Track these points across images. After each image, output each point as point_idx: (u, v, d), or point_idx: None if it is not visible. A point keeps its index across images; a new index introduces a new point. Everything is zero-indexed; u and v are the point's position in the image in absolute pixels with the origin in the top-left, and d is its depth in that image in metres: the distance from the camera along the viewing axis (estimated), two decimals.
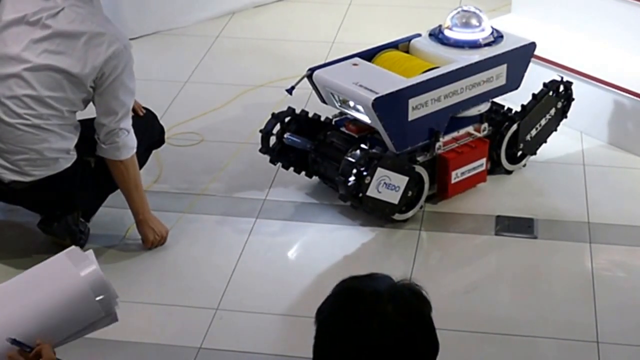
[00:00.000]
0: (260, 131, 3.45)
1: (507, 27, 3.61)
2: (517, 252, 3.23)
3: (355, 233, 3.31)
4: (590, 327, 2.86)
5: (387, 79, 3.25)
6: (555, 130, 3.66)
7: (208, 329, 2.88)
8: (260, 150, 3.47)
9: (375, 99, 3.12)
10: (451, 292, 3.04)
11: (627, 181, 3.61)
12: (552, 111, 3.59)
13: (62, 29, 2.90)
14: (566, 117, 3.65)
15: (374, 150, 3.22)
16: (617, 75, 3.81)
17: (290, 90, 3.39)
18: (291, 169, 3.52)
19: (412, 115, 3.22)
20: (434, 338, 1.57)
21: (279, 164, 3.51)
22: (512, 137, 3.53)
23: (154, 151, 3.41)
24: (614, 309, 2.94)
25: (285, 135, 3.44)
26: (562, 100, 3.60)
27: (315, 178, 3.53)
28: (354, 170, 3.18)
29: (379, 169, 3.19)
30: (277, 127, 3.44)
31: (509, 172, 3.61)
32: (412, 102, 3.20)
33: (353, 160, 3.18)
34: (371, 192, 3.20)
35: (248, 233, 3.31)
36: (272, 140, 3.46)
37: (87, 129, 3.05)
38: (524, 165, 3.64)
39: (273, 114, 3.46)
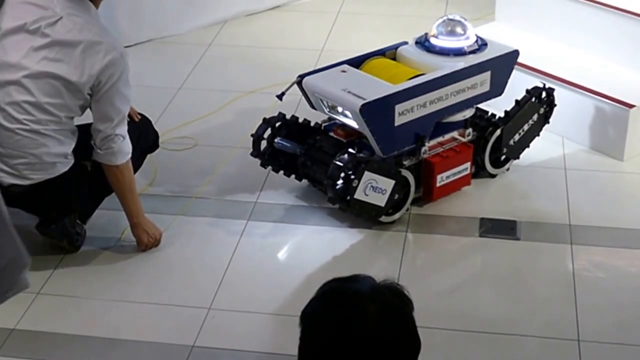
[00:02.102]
0: (252, 135, 3.50)
1: (491, 35, 3.63)
2: (501, 253, 3.26)
3: (344, 235, 3.35)
4: (572, 325, 2.89)
5: (374, 86, 3.27)
6: (538, 135, 3.69)
7: (201, 327, 2.91)
8: (252, 154, 3.50)
9: (363, 105, 3.15)
10: (437, 291, 3.07)
11: (607, 184, 3.64)
12: (535, 117, 3.62)
13: (60, 38, 2.92)
14: (548, 122, 3.69)
15: (361, 155, 3.25)
16: (597, 82, 3.85)
17: (280, 96, 3.43)
18: (281, 172, 3.55)
19: (399, 120, 3.25)
20: (415, 336, 1.60)
21: (270, 167, 3.54)
22: (495, 141, 3.56)
23: (148, 155, 3.44)
24: (594, 308, 2.97)
25: (276, 140, 3.48)
26: (545, 106, 3.64)
27: (304, 181, 3.56)
28: (342, 174, 3.20)
29: (366, 172, 3.21)
30: (268, 131, 3.47)
31: (493, 176, 3.65)
32: (399, 107, 3.23)
33: (341, 164, 3.21)
34: (358, 195, 3.23)
35: (240, 235, 3.34)
36: (263, 144, 3.49)
37: (84, 134, 3.07)
38: (508, 169, 3.67)
39: (264, 119, 3.49)
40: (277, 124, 3.49)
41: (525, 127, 3.62)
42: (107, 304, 3.04)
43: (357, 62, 3.48)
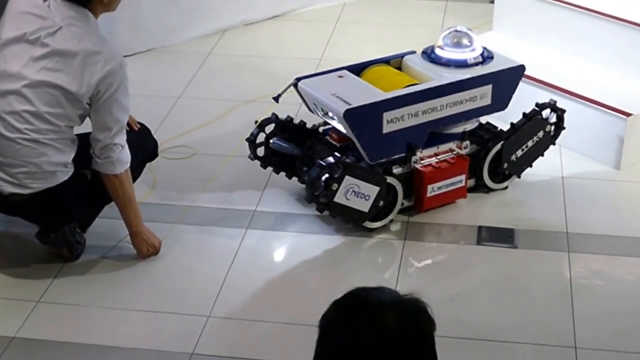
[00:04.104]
0: (256, 122, 3.51)
1: (488, 44, 3.65)
2: (498, 261, 3.27)
3: (343, 242, 3.35)
4: (569, 332, 2.91)
5: (364, 92, 3.28)
6: (552, 145, 3.65)
7: (200, 335, 2.91)
8: (247, 139, 3.52)
9: (347, 110, 3.16)
10: (435, 299, 2.97)
11: (604, 193, 3.66)
12: (541, 134, 3.58)
13: (59, 48, 2.93)
14: (562, 130, 3.63)
15: (342, 159, 3.23)
16: (595, 91, 3.87)
17: (276, 98, 3.45)
18: (273, 171, 3.59)
19: (387, 128, 3.24)
20: (432, 353, 1.59)
21: (263, 167, 3.57)
22: (497, 156, 3.53)
23: (147, 164, 3.45)
24: (591, 315, 2.98)
25: (272, 140, 3.51)
26: (552, 124, 3.60)
27: (304, 188, 3.57)
28: (323, 177, 3.21)
29: (346, 177, 3.21)
30: (271, 127, 3.51)
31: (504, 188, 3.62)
32: (387, 115, 3.23)
33: (319, 167, 3.22)
34: (339, 198, 3.23)
35: (239, 243, 3.35)
36: (261, 141, 3.52)
37: (84, 142, 3.08)
38: (519, 177, 3.64)
39: (273, 114, 3.53)
40: (277, 125, 3.53)
41: (530, 143, 3.58)
42: (106, 312, 3.06)
43: (359, 68, 3.50)
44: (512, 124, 3.56)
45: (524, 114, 3.56)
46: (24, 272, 3.23)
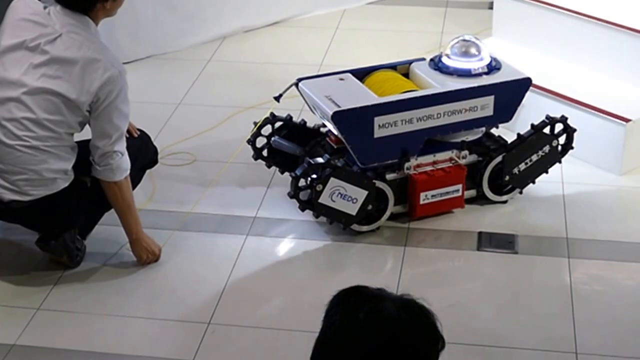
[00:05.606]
0: (270, 113, 3.55)
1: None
2: (499, 267, 3.27)
3: (345, 248, 3.36)
4: (569, 338, 2.91)
5: (358, 95, 3.28)
6: (560, 162, 3.62)
7: (200, 342, 2.91)
8: (255, 123, 3.56)
9: (335, 113, 3.17)
10: (435, 305, 3.02)
11: (604, 198, 3.66)
12: (547, 148, 3.54)
13: (59, 55, 2.94)
14: (572, 148, 3.61)
15: (329, 160, 3.24)
16: (594, 96, 3.87)
17: (277, 98, 3.46)
18: (262, 162, 3.63)
19: (379, 132, 3.24)
20: (437, 335, 1.63)
21: (254, 158, 3.62)
22: (499, 169, 3.50)
23: (147, 171, 3.45)
24: (592, 321, 2.99)
25: (273, 138, 3.52)
26: (559, 139, 3.56)
27: None
28: (309, 177, 3.22)
29: (332, 178, 3.22)
30: (274, 125, 3.53)
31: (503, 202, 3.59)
32: (378, 120, 3.22)
33: (306, 166, 3.22)
34: (324, 199, 3.24)
35: (239, 249, 3.35)
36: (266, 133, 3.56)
37: (83, 149, 3.08)
38: (520, 193, 3.61)
39: (288, 114, 3.57)
40: (280, 124, 3.56)
41: (534, 157, 3.54)
42: (107, 319, 3.06)
43: (364, 73, 3.51)
44: (507, 143, 3.55)
45: (518, 135, 3.54)
46: (24, 280, 3.23)
